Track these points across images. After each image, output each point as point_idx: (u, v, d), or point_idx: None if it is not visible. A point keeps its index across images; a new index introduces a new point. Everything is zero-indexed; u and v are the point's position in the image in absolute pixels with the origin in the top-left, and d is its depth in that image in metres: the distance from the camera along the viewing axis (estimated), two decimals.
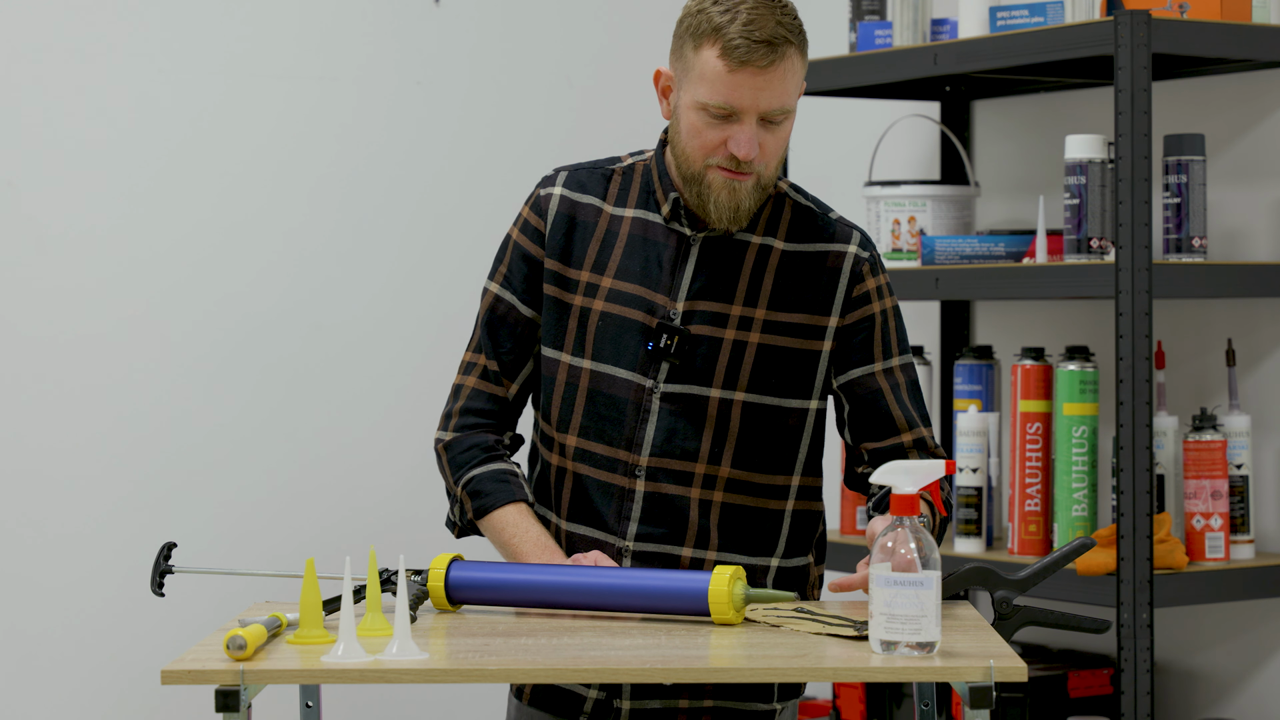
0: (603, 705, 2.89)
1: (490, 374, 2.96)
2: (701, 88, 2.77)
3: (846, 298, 2.89)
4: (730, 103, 2.76)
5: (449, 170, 4.64)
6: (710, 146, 2.79)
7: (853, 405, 2.92)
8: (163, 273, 4.36)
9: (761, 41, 2.73)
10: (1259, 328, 3.95)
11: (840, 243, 2.91)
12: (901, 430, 2.91)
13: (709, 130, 2.79)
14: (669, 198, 2.89)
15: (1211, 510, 3.77)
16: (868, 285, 2.90)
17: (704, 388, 2.87)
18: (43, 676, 4.25)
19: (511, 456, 2.98)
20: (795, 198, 2.94)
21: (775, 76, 2.75)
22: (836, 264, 2.90)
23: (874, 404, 2.91)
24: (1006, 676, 2.38)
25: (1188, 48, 3.69)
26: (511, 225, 2.98)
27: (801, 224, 2.92)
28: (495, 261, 2.99)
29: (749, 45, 2.73)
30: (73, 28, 4.28)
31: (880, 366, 2.91)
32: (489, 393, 2.96)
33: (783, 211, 2.92)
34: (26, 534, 4.24)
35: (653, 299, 2.88)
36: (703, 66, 2.77)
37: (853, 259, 2.90)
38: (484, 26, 4.69)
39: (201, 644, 2.54)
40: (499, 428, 2.98)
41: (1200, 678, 4.05)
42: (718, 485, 2.88)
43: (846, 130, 4.61)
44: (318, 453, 4.51)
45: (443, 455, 2.97)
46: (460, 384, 2.98)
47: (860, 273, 2.90)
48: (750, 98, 2.75)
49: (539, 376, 2.96)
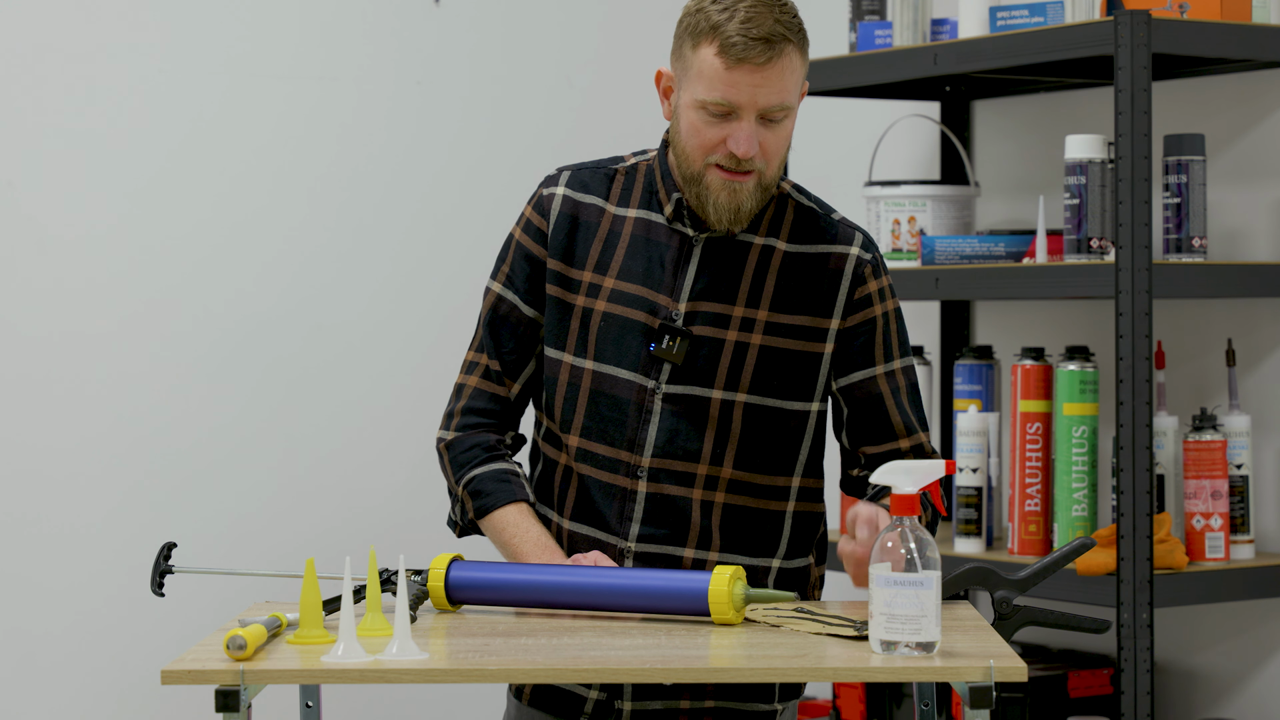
0: (603, 706, 2.89)
1: (492, 374, 2.96)
2: (700, 85, 2.77)
3: (848, 300, 2.89)
4: (728, 99, 2.75)
5: (449, 170, 4.64)
6: (709, 145, 2.79)
7: (851, 409, 2.92)
8: (163, 273, 4.36)
9: (759, 39, 2.73)
10: (1259, 328, 3.95)
11: (843, 244, 2.91)
12: (900, 435, 2.92)
13: (708, 129, 2.79)
14: (672, 198, 2.89)
15: (1211, 510, 3.77)
16: (869, 288, 2.90)
17: (706, 389, 2.87)
18: (43, 676, 4.25)
19: (513, 456, 2.98)
20: (798, 198, 2.93)
21: (773, 74, 2.75)
22: (839, 266, 2.90)
23: (873, 408, 2.91)
24: (1006, 676, 2.38)
25: (1188, 48, 3.69)
26: (514, 225, 2.98)
27: (804, 225, 2.91)
28: (498, 261, 2.98)
29: (746, 42, 2.73)
30: (73, 28, 4.28)
31: (881, 370, 2.91)
32: (491, 392, 2.96)
33: (785, 212, 2.92)
34: (27, 533, 4.24)
35: (655, 299, 2.88)
36: (701, 64, 2.77)
37: (855, 261, 2.90)
38: (484, 26, 4.68)
39: (201, 644, 2.54)
40: (501, 427, 2.98)
41: (1200, 678, 4.05)
42: (719, 486, 2.88)
43: (846, 130, 4.61)
44: (318, 453, 4.51)
45: (444, 454, 2.97)
46: (462, 383, 2.99)
47: (862, 275, 2.90)
48: (748, 94, 2.75)
49: (541, 376, 2.96)
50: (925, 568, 2.41)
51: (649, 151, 2.97)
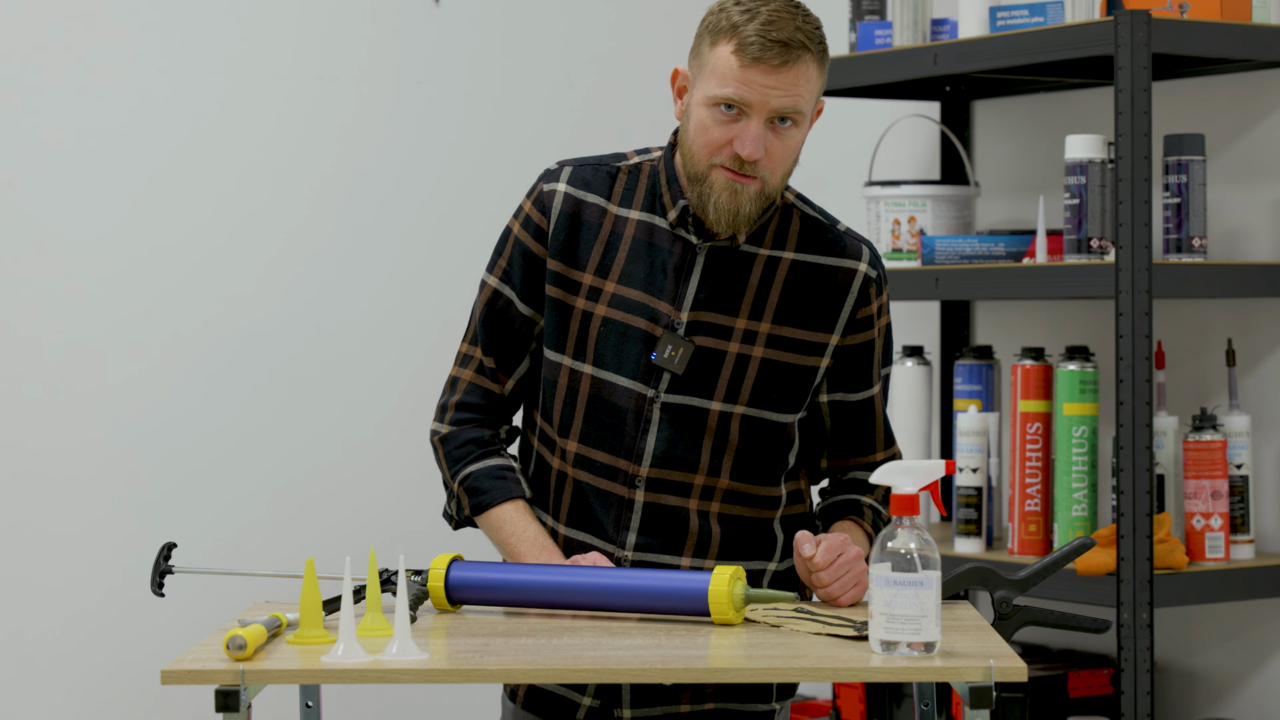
0: (598, 713, 2.87)
1: (486, 370, 2.95)
2: (713, 81, 2.76)
3: (851, 318, 2.89)
4: (739, 97, 2.74)
5: (449, 170, 4.64)
6: (716, 144, 2.78)
7: (836, 422, 2.93)
8: (163, 273, 4.36)
9: (777, 41, 2.73)
10: (1259, 328, 3.95)
11: (851, 259, 2.89)
12: (878, 449, 2.95)
13: (716, 128, 2.78)
14: (677, 204, 2.87)
15: (1211, 510, 3.77)
16: (872, 307, 2.90)
17: (705, 400, 2.86)
18: (43, 677, 4.25)
19: (508, 449, 2.97)
20: (803, 208, 2.92)
21: (787, 78, 2.74)
22: (846, 281, 2.89)
23: (859, 422, 2.93)
24: (1006, 676, 2.38)
25: (1188, 48, 3.69)
26: (512, 217, 2.95)
27: (810, 236, 2.90)
28: (494, 254, 2.95)
29: (764, 43, 2.73)
30: (73, 27, 4.28)
31: (876, 390, 2.93)
32: (484, 388, 2.95)
33: (790, 222, 2.90)
34: (27, 534, 4.24)
35: (656, 307, 2.86)
36: (716, 61, 2.76)
37: (862, 279, 2.89)
38: (484, 26, 4.68)
39: (201, 644, 2.54)
40: (494, 422, 2.96)
41: (1200, 678, 4.05)
42: (716, 497, 2.88)
43: (846, 130, 4.60)
44: (318, 453, 4.51)
45: (439, 448, 2.96)
46: (456, 377, 2.97)
47: (868, 294, 2.89)
48: (760, 94, 2.74)
49: (535, 375, 2.95)
50: (925, 568, 2.41)
51: (653, 151, 2.95)
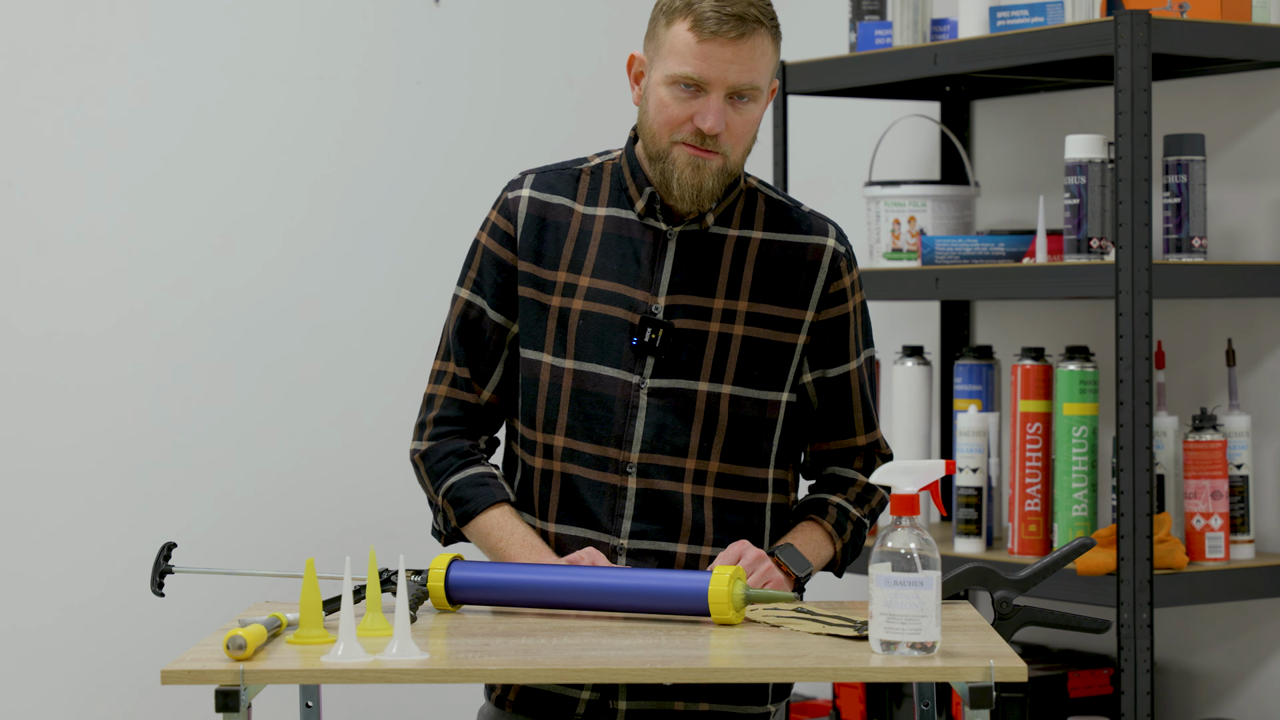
0: (597, 705, 2.88)
1: (461, 381, 2.96)
2: (671, 60, 2.81)
3: (824, 293, 2.92)
4: (699, 74, 2.79)
5: (449, 170, 4.64)
6: (676, 121, 2.82)
7: (820, 401, 2.94)
8: (162, 272, 4.36)
9: (732, 15, 2.78)
10: (1259, 328, 3.95)
11: (819, 235, 2.93)
12: (859, 432, 2.95)
13: (676, 105, 2.82)
14: (644, 193, 2.90)
15: (1211, 510, 3.77)
16: (844, 282, 2.93)
17: (691, 381, 2.87)
18: (42, 677, 4.25)
19: (489, 459, 2.98)
20: (766, 192, 2.97)
21: (744, 51, 2.79)
22: (816, 257, 2.92)
23: (840, 403, 2.95)
24: (1006, 676, 2.38)
25: (1188, 48, 3.69)
26: (479, 230, 2.98)
27: (776, 216, 2.94)
28: (464, 267, 2.98)
29: (720, 18, 2.78)
30: (73, 27, 4.28)
31: (854, 365, 2.94)
32: (461, 400, 2.96)
33: (756, 204, 2.94)
34: (26, 533, 4.24)
35: (633, 295, 2.89)
36: (674, 40, 2.81)
37: (832, 254, 2.93)
38: (484, 26, 4.69)
39: (201, 644, 2.54)
40: (473, 433, 2.97)
41: (1200, 678, 4.05)
42: (708, 480, 2.89)
43: (846, 130, 4.61)
44: (318, 452, 4.51)
45: (420, 465, 2.96)
46: (432, 393, 2.98)
47: (839, 269, 2.93)
48: (719, 70, 2.78)
49: (512, 383, 2.96)
50: (925, 568, 2.41)
51: (613, 151, 2.99)
